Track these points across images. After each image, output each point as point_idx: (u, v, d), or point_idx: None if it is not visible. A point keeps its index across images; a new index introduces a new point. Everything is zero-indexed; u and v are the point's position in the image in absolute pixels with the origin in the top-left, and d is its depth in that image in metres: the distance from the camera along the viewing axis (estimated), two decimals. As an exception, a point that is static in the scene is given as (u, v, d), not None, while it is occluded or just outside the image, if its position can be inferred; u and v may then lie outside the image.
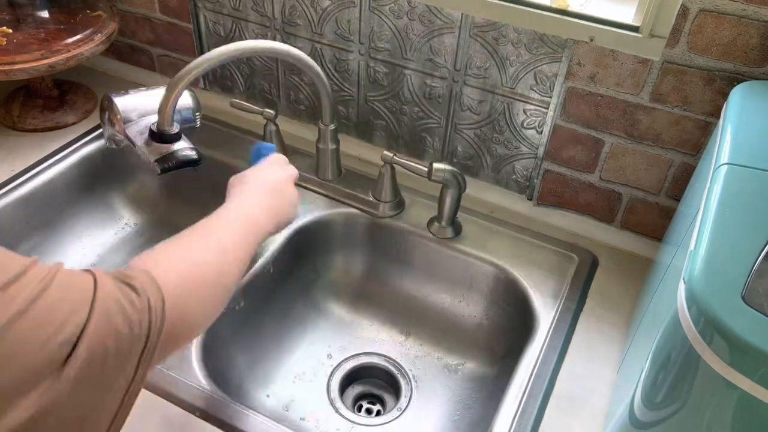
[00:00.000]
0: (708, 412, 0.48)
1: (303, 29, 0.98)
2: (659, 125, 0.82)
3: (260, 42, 0.80)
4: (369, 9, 0.91)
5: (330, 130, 0.92)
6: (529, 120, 0.90)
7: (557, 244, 0.92)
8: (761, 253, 0.48)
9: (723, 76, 0.75)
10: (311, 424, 0.85)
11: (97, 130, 1.08)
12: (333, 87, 1.02)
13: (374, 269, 0.99)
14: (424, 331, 0.96)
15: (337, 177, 0.98)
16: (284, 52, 0.81)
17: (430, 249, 0.93)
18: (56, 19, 1.04)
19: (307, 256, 0.97)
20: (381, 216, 0.94)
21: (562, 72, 0.83)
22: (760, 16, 0.70)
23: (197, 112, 0.84)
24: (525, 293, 0.86)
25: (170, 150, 0.75)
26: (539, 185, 0.95)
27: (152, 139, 0.75)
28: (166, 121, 0.74)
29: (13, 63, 0.94)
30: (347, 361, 0.93)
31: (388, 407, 0.90)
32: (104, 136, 0.83)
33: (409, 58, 0.93)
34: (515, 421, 0.71)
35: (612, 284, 0.87)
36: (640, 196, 0.89)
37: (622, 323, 0.82)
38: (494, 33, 0.85)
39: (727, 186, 0.54)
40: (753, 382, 0.42)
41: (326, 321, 0.97)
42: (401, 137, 1.02)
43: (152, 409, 0.70)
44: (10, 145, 1.03)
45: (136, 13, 1.13)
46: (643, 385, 0.55)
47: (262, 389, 0.87)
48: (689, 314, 0.46)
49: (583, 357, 0.78)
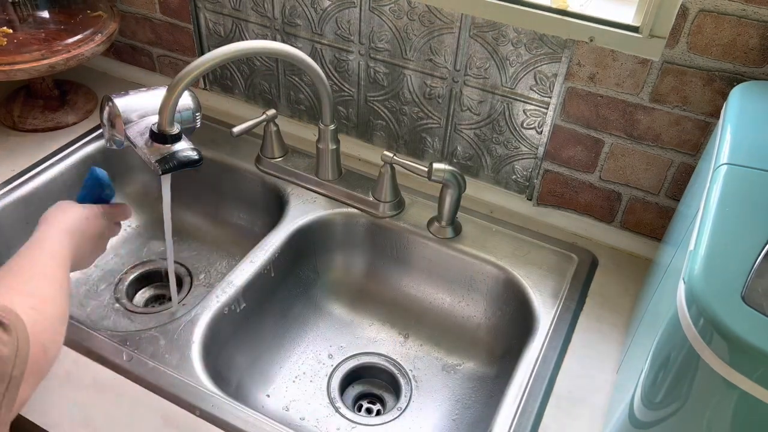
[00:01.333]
0: (708, 412, 0.48)
1: (303, 29, 0.99)
2: (659, 125, 0.82)
3: (261, 42, 0.80)
4: (369, 9, 0.91)
5: (330, 130, 0.93)
6: (528, 120, 0.90)
7: (557, 244, 0.92)
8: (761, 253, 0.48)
9: (723, 77, 0.75)
10: (311, 424, 0.85)
11: (98, 130, 1.08)
12: (333, 87, 1.02)
13: (374, 269, 0.99)
14: (423, 330, 0.96)
15: (337, 177, 0.98)
16: (284, 52, 0.81)
17: (430, 249, 0.93)
18: (56, 20, 1.04)
19: (307, 256, 0.97)
20: (381, 216, 0.95)
21: (561, 72, 0.84)
22: (760, 16, 0.70)
23: (197, 112, 0.84)
24: (525, 293, 0.86)
25: (171, 150, 0.75)
26: (539, 185, 0.95)
27: (153, 140, 0.75)
28: (166, 122, 0.74)
29: (13, 63, 0.94)
30: (347, 361, 0.93)
31: (388, 407, 0.90)
32: (104, 137, 0.83)
33: (409, 58, 0.93)
34: (515, 420, 0.71)
35: (612, 284, 0.87)
36: (640, 196, 0.89)
37: (621, 323, 0.82)
38: (494, 33, 0.85)
39: (726, 186, 0.54)
40: (752, 381, 0.42)
41: (326, 321, 0.97)
42: (401, 137, 1.02)
43: (152, 409, 0.70)
44: (11, 145, 1.04)
45: (137, 14, 1.13)
46: (643, 385, 0.55)
47: (262, 389, 0.87)
48: (689, 314, 0.46)
49: (583, 357, 0.78)
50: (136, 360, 0.74)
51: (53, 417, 0.68)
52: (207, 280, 1.02)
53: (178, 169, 0.75)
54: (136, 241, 1.07)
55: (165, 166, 0.74)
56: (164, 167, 0.74)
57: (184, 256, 1.05)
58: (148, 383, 0.72)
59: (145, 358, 0.74)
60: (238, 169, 1.03)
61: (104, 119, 0.82)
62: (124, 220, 0.82)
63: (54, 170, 1.00)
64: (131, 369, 0.73)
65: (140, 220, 1.09)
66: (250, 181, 1.03)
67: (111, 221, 0.80)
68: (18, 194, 0.95)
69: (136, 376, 0.73)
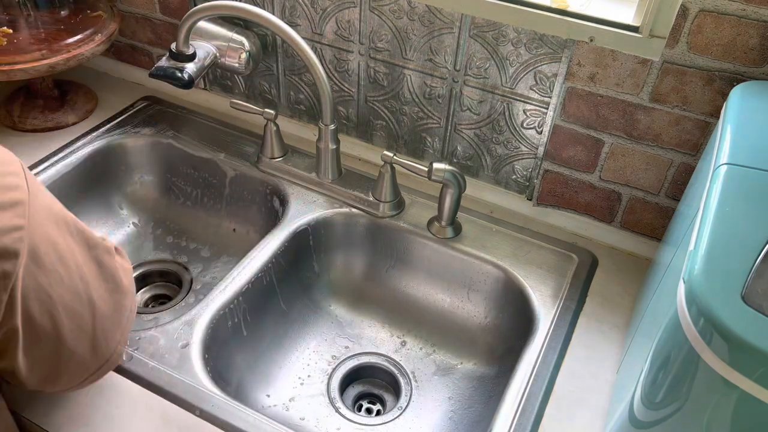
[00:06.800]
0: (707, 412, 0.48)
1: (303, 29, 0.99)
2: (659, 125, 0.82)
3: (273, 18, 0.85)
4: (369, 9, 0.91)
5: (330, 129, 0.93)
6: (528, 120, 0.90)
7: (557, 244, 0.92)
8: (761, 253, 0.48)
9: (723, 76, 0.75)
10: (311, 424, 0.85)
11: (98, 130, 1.08)
12: (333, 87, 1.02)
13: (374, 269, 0.99)
14: (423, 330, 0.96)
15: (337, 177, 0.98)
16: (287, 33, 0.85)
17: (430, 249, 0.93)
18: (56, 20, 1.04)
19: (307, 256, 0.97)
20: (381, 216, 0.95)
21: (561, 72, 0.84)
22: (760, 16, 0.70)
23: (219, 58, 1.01)
24: (525, 293, 0.86)
25: (176, 65, 0.90)
26: (539, 185, 0.95)
27: (169, 57, 0.91)
28: (179, 43, 0.89)
29: (13, 63, 0.95)
30: (347, 361, 0.93)
31: (388, 407, 0.90)
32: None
33: (409, 58, 0.93)
34: (515, 420, 0.71)
35: (612, 284, 0.87)
36: (640, 196, 0.89)
37: (622, 323, 0.82)
38: (494, 33, 0.85)
39: (726, 186, 0.54)
40: (752, 381, 0.42)
41: (326, 321, 0.97)
42: (401, 137, 1.02)
43: (152, 409, 0.70)
44: (11, 145, 1.03)
45: (137, 14, 1.13)
46: (643, 385, 0.55)
47: (262, 389, 0.87)
48: (689, 314, 0.46)
49: (583, 357, 0.78)
50: (135, 360, 0.74)
51: (53, 417, 0.68)
52: (207, 280, 1.02)
53: (163, 79, 0.91)
54: (136, 240, 1.07)
55: (155, 71, 0.90)
56: (152, 72, 0.91)
57: (184, 256, 1.05)
58: (147, 383, 0.72)
59: (144, 358, 0.74)
60: (238, 169, 1.03)
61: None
62: None
63: (54, 170, 1.00)
64: (131, 369, 0.73)
65: (141, 219, 1.09)
66: (250, 181, 1.03)
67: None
68: (18, 194, 0.95)
69: (136, 375, 0.73)
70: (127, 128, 1.08)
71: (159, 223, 1.10)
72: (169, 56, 0.91)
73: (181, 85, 0.91)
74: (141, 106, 1.14)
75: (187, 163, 1.07)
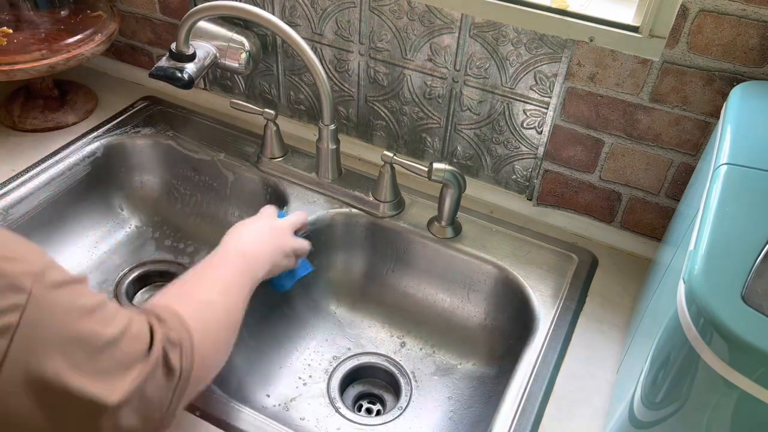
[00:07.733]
0: (707, 412, 0.48)
1: (303, 29, 0.99)
2: (659, 125, 0.82)
3: (270, 16, 0.85)
4: (369, 9, 0.91)
5: (330, 129, 0.93)
6: (528, 120, 0.90)
7: (557, 244, 0.92)
8: (761, 253, 0.48)
9: (723, 76, 0.75)
10: (311, 424, 0.85)
11: (98, 130, 1.08)
12: (333, 87, 1.02)
13: (374, 269, 0.99)
14: (424, 330, 0.96)
15: (337, 177, 0.98)
16: (287, 33, 0.85)
17: (430, 249, 0.93)
18: (56, 19, 1.04)
19: (308, 256, 0.97)
20: (381, 216, 0.95)
21: (561, 72, 0.84)
22: (760, 16, 0.70)
23: (219, 58, 1.00)
24: (525, 293, 0.86)
25: (175, 65, 0.91)
26: (539, 185, 0.95)
27: (169, 57, 0.91)
28: (179, 43, 0.90)
29: (13, 63, 0.95)
30: (347, 361, 0.93)
31: (388, 407, 0.90)
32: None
33: (409, 58, 0.93)
34: (515, 420, 0.71)
35: (612, 284, 0.87)
36: (640, 196, 0.89)
37: (622, 323, 0.82)
38: (494, 33, 0.85)
39: (726, 186, 0.54)
40: (752, 381, 0.42)
41: (326, 321, 0.97)
42: (401, 137, 1.02)
43: (152, 409, 0.70)
44: (11, 146, 1.04)
45: (137, 14, 1.13)
46: (643, 385, 0.55)
47: (262, 389, 0.87)
48: (689, 314, 0.46)
49: (583, 357, 0.78)
50: (136, 360, 0.74)
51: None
52: (207, 280, 1.02)
53: (163, 79, 0.91)
54: (136, 241, 1.07)
55: (154, 71, 0.91)
56: (152, 72, 0.91)
57: (185, 257, 1.05)
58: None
59: (145, 358, 0.74)
60: (238, 169, 1.03)
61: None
62: (303, 230, 0.87)
63: (54, 170, 1.00)
64: (131, 369, 0.73)
65: (141, 219, 1.09)
66: (250, 181, 1.03)
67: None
68: (18, 194, 0.95)
69: (136, 376, 0.72)
70: (127, 128, 1.08)
71: (159, 223, 1.10)
72: (169, 56, 0.91)
73: (181, 85, 0.91)
74: (141, 106, 1.14)
75: (187, 163, 1.07)
